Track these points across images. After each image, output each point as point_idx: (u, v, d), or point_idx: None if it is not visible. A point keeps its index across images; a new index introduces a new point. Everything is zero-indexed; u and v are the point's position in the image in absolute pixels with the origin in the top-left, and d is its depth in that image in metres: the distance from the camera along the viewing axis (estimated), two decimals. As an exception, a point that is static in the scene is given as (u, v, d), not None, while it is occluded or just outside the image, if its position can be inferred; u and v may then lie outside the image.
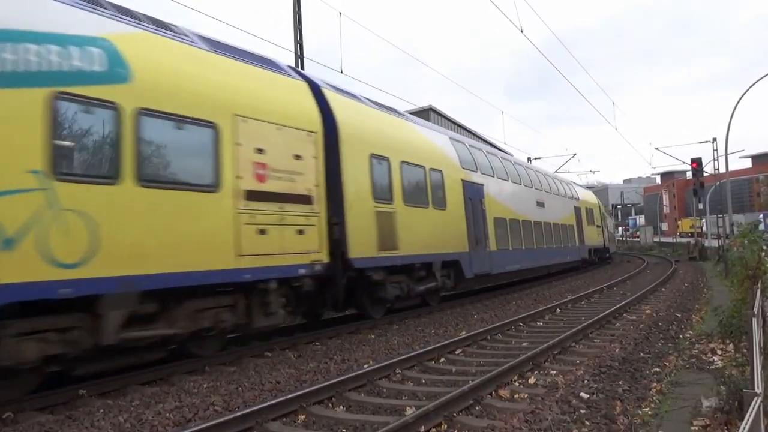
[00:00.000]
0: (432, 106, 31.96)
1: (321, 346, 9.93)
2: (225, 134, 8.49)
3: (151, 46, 7.88)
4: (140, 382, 7.54)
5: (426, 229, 13.54)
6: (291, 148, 9.79)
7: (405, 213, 12.70)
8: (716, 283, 19.54)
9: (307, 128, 10.21)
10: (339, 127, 11.01)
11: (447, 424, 5.47)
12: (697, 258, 35.84)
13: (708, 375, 6.92)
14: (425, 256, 13.34)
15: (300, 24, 16.80)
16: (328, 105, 11.04)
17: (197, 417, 6.04)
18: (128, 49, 7.36)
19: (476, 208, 16.40)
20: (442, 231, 14.33)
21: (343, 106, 11.68)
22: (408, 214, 12.79)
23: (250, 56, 9.93)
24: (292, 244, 9.51)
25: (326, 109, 10.94)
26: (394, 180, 12.53)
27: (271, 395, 6.77)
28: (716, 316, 9.68)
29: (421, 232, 13.26)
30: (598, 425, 5.30)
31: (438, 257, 13.87)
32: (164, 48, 8.11)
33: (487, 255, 16.70)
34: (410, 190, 13.11)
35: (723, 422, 5.05)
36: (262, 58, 10.31)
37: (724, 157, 28.18)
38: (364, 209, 11.47)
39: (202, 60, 8.69)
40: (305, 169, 10.02)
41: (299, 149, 9.94)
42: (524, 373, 7.40)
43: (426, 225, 13.55)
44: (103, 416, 6.10)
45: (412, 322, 12.49)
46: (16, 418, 6.16)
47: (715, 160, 37.78)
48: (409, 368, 7.94)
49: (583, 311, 13.55)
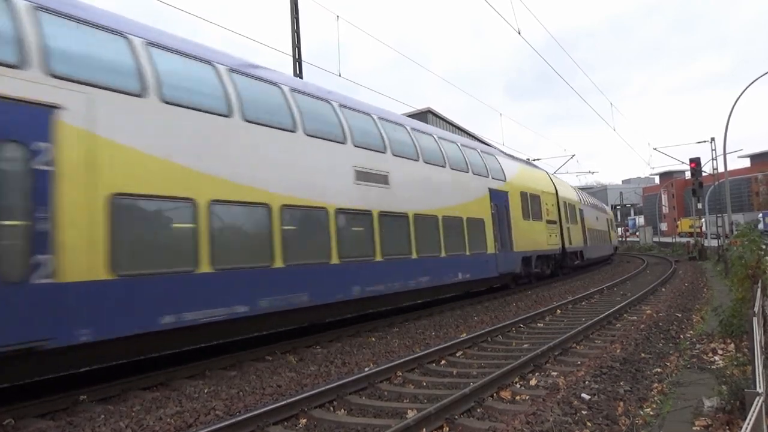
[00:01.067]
0: (430, 109, 31.98)
1: (322, 350, 9.92)
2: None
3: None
4: (141, 387, 7.54)
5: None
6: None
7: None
8: (716, 282, 19.52)
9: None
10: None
11: (448, 426, 5.47)
12: (696, 258, 35.83)
13: (709, 375, 6.91)
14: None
15: (298, 27, 16.80)
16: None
17: (198, 422, 6.03)
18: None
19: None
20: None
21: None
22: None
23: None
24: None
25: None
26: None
27: (272, 399, 6.76)
28: (717, 315, 9.68)
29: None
30: (600, 426, 5.29)
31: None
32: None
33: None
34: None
35: (725, 422, 5.04)
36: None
37: (723, 157, 28.22)
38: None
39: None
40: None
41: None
42: (525, 375, 7.39)
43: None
44: (104, 422, 6.09)
45: (412, 325, 12.48)
46: (17, 424, 6.15)
47: (713, 159, 37.80)
48: (410, 371, 7.93)
49: (584, 312, 13.55)
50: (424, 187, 14.21)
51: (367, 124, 13.00)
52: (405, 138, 14.29)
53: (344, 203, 11.33)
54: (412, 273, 13.09)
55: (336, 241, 10.87)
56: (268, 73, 10.63)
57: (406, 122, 15.14)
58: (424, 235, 13.82)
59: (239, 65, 9.90)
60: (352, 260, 11.24)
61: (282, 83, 10.80)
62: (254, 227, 9.31)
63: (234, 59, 9.94)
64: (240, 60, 10.09)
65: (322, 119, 11.43)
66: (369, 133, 12.86)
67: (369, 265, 11.75)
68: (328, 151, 11.23)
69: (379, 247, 12.02)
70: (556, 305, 14.34)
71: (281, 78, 11.02)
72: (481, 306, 15.74)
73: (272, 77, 10.68)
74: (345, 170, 11.59)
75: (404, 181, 13.42)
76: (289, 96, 10.69)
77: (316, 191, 10.62)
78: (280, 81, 10.83)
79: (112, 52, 7.75)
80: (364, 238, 11.83)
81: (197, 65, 9.03)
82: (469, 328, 11.79)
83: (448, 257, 14.67)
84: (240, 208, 9.01)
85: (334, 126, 11.68)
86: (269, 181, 9.60)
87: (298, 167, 10.36)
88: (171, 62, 8.55)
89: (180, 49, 8.88)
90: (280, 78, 10.99)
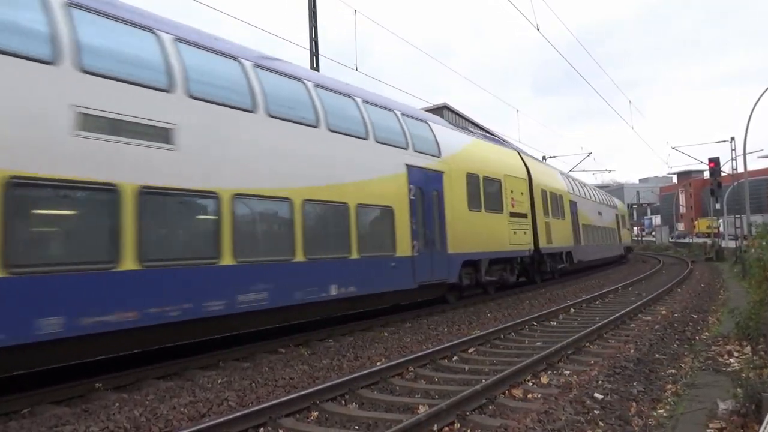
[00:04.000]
0: (446, 104, 31.85)
1: (334, 343, 9.96)
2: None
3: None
4: (155, 377, 7.63)
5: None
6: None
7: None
8: (733, 284, 19.29)
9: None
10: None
11: (460, 422, 5.46)
12: (713, 259, 35.42)
13: (724, 377, 6.84)
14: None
15: (315, 22, 16.81)
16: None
17: (211, 412, 6.09)
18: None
19: None
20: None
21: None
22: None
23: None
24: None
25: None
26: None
27: (284, 391, 6.80)
28: (733, 317, 9.56)
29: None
30: (613, 426, 5.26)
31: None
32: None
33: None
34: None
35: (739, 425, 4.99)
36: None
37: (743, 157, 27.82)
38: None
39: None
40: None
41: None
42: (538, 373, 7.36)
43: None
44: (118, 410, 6.17)
45: (425, 321, 12.49)
46: (33, 410, 6.25)
47: (733, 159, 37.28)
48: (421, 366, 7.94)
49: (598, 311, 13.46)
50: (261, 152, 9.34)
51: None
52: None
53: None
54: (214, 290, 8.21)
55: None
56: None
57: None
58: (252, 229, 9.16)
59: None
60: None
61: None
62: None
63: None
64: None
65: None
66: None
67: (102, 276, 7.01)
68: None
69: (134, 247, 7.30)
70: (570, 304, 14.26)
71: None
72: (494, 303, 15.69)
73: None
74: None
75: (218, 141, 8.65)
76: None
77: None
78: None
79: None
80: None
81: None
82: (481, 324, 11.77)
83: (310, 263, 9.89)
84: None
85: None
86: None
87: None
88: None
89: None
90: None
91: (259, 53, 10.35)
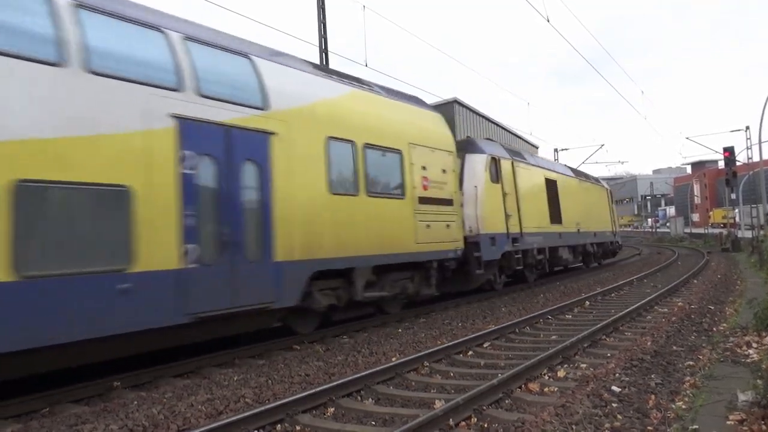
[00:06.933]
0: (457, 99, 31.71)
1: (349, 340, 9.98)
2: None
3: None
4: (172, 375, 7.69)
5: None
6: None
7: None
8: (750, 274, 19.06)
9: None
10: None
11: (477, 417, 5.46)
12: (729, 249, 35.04)
13: (743, 368, 6.76)
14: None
15: (324, 18, 16.80)
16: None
17: (228, 409, 6.12)
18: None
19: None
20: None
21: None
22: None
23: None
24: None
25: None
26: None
27: (300, 388, 6.82)
28: (751, 308, 9.45)
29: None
30: (631, 419, 5.23)
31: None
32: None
33: None
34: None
35: (760, 417, 4.93)
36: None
37: (758, 146, 27.50)
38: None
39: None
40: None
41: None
42: (554, 367, 7.33)
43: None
44: (137, 408, 6.23)
45: (439, 316, 12.48)
46: (53, 409, 6.32)
47: (748, 149, 36.90)
48: (437, 361, 7.93)
49: (613, 304, 13.37)
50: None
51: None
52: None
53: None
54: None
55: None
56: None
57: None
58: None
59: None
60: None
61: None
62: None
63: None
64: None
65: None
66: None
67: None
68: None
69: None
70: (585, 297, 14.17)
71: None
72: (509, 297, 15.64)
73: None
74: None
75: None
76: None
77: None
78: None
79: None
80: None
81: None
82: (496, 319, 11.73)
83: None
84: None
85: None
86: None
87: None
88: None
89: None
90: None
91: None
